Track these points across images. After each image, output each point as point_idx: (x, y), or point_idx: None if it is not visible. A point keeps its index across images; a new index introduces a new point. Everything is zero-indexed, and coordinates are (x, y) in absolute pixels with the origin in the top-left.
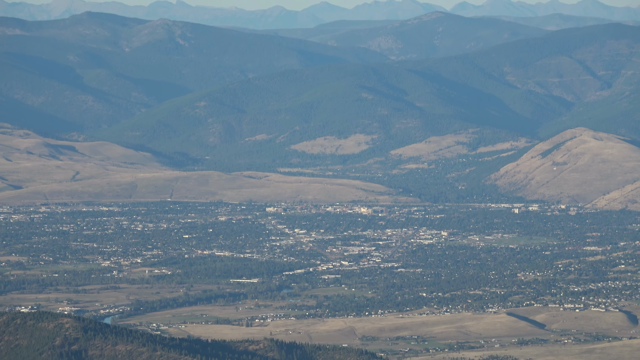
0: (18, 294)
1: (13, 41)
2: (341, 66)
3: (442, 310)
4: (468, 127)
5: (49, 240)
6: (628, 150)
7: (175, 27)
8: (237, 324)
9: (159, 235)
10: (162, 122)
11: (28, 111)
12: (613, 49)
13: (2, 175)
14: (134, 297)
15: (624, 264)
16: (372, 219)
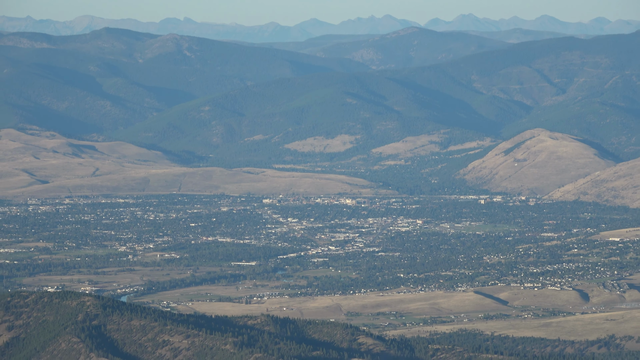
0: (45, 276)
1: (41, 53)
2: (328, 75)
3: (417, 289)
4: (440, 128)
5: (72, 228)
6: (580, 149)
7: (183, 41)
8: (238, 302)
9: (168, 224)
10: (171, 125)
11: (54, 115)
12: (567, 60)
13: (31, 172)
14: (147, 278)
15: (576, 249)
16: (355, 209)
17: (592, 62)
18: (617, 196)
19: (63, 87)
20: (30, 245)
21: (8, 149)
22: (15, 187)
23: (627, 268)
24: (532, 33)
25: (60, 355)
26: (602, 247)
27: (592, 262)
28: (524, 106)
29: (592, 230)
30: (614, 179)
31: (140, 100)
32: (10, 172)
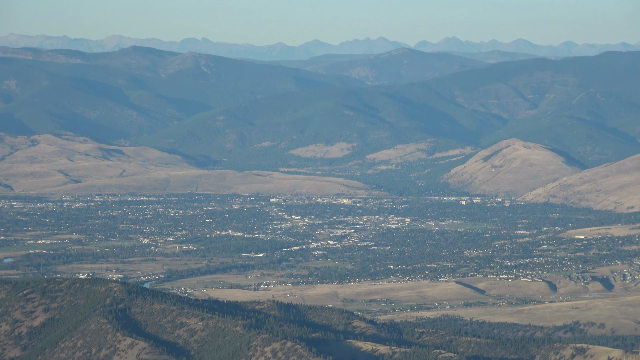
0: (77, 264)
1: (75, 68)
2: (328, 90)
3: (405, 279)
4: (426, 137)
5: (101, 222)
6: (550, 157)
7: (200, 58)
8: (247, 289)
9: (186, 219)
10: (190, 132)
11: (86, 123)
12: (539, 78)
13: (66, 172)
14: (167, 267)
15: (546, 245)
16: (351, 208)
17: (561, 81)
18: (582, 199)
19: (95, 98)
20: (65, 237)
21: (46, 152)
22: (52, 186)
23: (590, 262)
24: (508, 54)
25: (90, 334)
26: (568, 244)
27: (560, 257)
28: (501, 119)
29: (559, 228)
30: (579, 183)
31: (163, 110)
32: (48, 172)
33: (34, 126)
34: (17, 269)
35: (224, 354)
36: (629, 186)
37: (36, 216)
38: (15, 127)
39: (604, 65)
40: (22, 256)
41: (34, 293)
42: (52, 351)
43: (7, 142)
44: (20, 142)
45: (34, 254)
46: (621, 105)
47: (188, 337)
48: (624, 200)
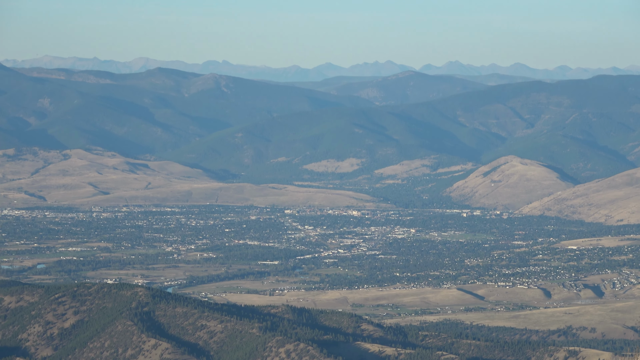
0: (105, 270)
1: (105, 88)
2: (340, 109)
3: (410, 286)
4: (430, 154)
5: (128, 231)
6: (545, 173)
7: (221, 79)
8: (263, 294)
9: (207, 229)
10: (210, 148)
11: (115, 138)
12: (535, 99)
13: (95, 184)
14: (188, 274)
15: (541, 254)
16: (360, 219)
17: (556, 102)
18: (575, 212)
19: (122, 116)
20: (94, 245)
21: (77, 166)
22: (82, 197)
23: (582, 271)
24: (507, 77)
25: (116, 335)
26: (562, 254)
27: (554, 266)
28: (500, 137)
29: (554, 240)
30: (572, 198)
31: (186, 127)
32: (78, 184)
33: (66, 141)
34: (49, 274)
35: (241, 354)
36: (618, 200)
37: (67, 225)
38: (49, 143)
39: (596, 88)
40: (54, 262)
41: (65, 297)
42: (82, 351)
43: (40, 156)
44: (53, 157)
45: (65, 261)
46: (612, 125)
47: (208, 339)
48: (614, 213)
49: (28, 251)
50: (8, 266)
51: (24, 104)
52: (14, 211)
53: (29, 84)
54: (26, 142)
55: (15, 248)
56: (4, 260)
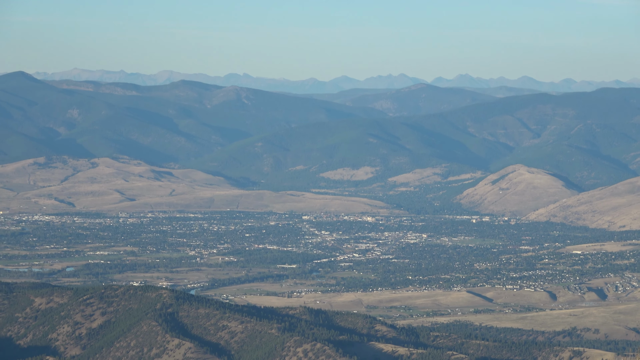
0: (131, 273)
1: (131, 99)
2: (355, 120)
3: (422, 289)
4: (442, 163)
5: (153, 236)
6: (551, 181)
7: (242, 91)
8: (281, 296)
9: (228, 234)
10: (231, 156)
11: (140, 147)
12: (541, 111)
13: (122, 191)
14: (211, 276)
15: (547, 259)
16: (374, 225)
17: (561, 113)
18: (580, 218)
19: (148, 126)
20: (120, 249)
21: (104, 174)
22: (109, 204)
23: (586, 275)
24: (514, 90)
25: (142, 335)
26: (567, 258)
27: (559, 270)
28: (508, 147)
29: (559, 245)
30: (577, 205)
31: (208, 137)
32: (106, 191)
33: (94, 150)
34: (78, 277)
35: (260, 353)
36: (621, 207)
37: (95, 230)
38: (78, 151)
39: (599, 100)
40: (82, 266)
41: (93, 298)
42: (109, 350)
43: (70, 164)
44: (81, 165)
45: (93, 264)
46: (614, 135)
47: (229, 339)
48: (617, 220)
49: (58, 255)
50: (39, 269)
51: (54, 114)
52: (44, 217)
53: (59, 95)
54: (56, 151)
55: (46, 252)
56: (35, 263)
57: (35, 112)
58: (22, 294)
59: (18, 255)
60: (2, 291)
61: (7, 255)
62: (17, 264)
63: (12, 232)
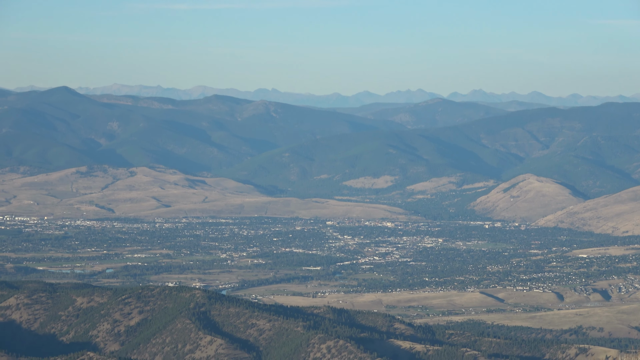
0: (167, 274)
1: (167, 113)
2: (376, 132)
3: (438, 290)
4: (456, 172)
5: (187, 240)
6: (559, 189)
7: (270, 105)
8: (306, 296)
9: (257, 238)
10: (260, 166)
11: (176, 157)
12: (550, 124)
13: (158, 198)
14: (240, 278)
15: (555, 262)
16: (394, 230)
17: (569, 126)
18: (585, 224)
19: (182, 138)
20: (157, 252)
21: (142, 182)
22: (147, 210)
23: (591, 277)
24: (525, 104)
25: (176, 332)
26: (573, 262)
27: (566, 272)
28: (518, 157)
29: (566, 249)
30: (583, 211)
31: (239, 148)
32: (143, 198)
33: (132, 160)
34: (117, 278)
35: (287, 350)
36: (624, 214)
37: (133, 234)
38: (117, 161)
39: (604, 114)
40: (121, 267)
41: (131, 298)
42: (145, 346)
43: (110, 173)
44: (120, 173)
45: (131, 266)
46: (618, 147)
47: (257, 336)
48: (620, 225)
49: (98, 257)
50: (80, 270)
51: (95, 126)
52: (86, 222)
53: (99, 109)
54: (97, 161)
55: (87, 254)
56: (77, 265)
57: (78, 125)
58: (65, 293)
59: (61, 257)
60: (47, 291)
61: (51, 257)
62: (61, 266)
63: (56, 236)
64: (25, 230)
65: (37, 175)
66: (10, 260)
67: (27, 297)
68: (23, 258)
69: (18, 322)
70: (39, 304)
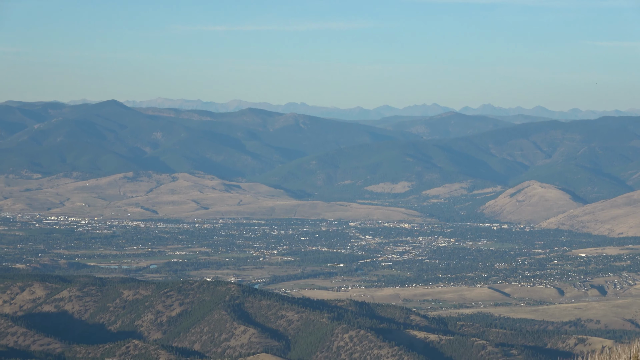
0: (205, 270)
1: (206, 124)
2: (394, 142)
3: (450, 285)
4: (468, 178)
5: (223, 239)
6: (560, 194)
7: (299, 117)
8: (331, 290)
9: (287, 238)
10: (290, 172)
11: (213, 164)
12: (552, 135)
13: (197, 201)
14: (271, 273)
15: (556, 260)
16: (410, 230)
17: (569, 138)
18: (584, 227)
19: (219, 146)
20: (196, 250)
21: (183, 186)
22: (187, 212)
23: (589, 274)
24: (530, 117)
25: (213, 322)
26: (573, 260)
27: (566, 270)
28: (523, 165)
29: (566, 248)
30: (582, 215)
31: (270, 156)
32: (184, 201)
33: (174, 166)
34: (159, 273)
35: (313, 339)
36: (619, 217)
37: (175, 234)
38: (160, 167)
39: (602, 127)
40: (164, 263)
41: (172, 291)
42: (185, 335)
43: (154, 178)
44: (163, 179)
45: (173, 262)
46: (614, 156)
47: (287, 326)
48: (616, 227)
49: (143, 254)
50: (127, 266)
51: (141, 136)
52: (132, 222)
53: (145, 120)
54: (142, 167)
55: (133, 252)
56: (124, 261)
57: (125, 134)
58: (113, 287)
59: (110, 254)
60: (96, 284)
61: (101, 254)
62: (109, 262)
63: (104, 235)
64: (77, 230)
65: (88, 180)
66: (63, 257)
67: (78, 290)
68: (75, 255)
69: (70, 312)
70: (89, 296)
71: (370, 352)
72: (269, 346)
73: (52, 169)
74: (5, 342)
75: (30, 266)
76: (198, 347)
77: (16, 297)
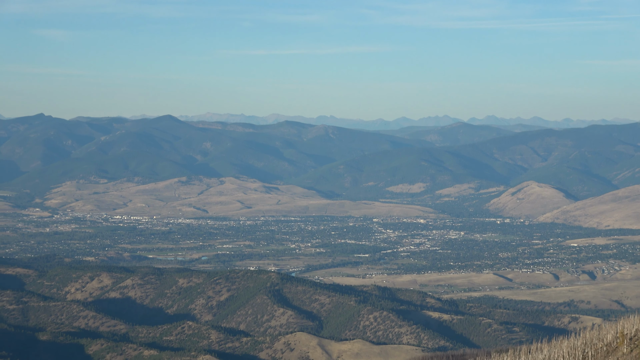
0: (249, 260)
1: (249, 135)
2: (411, 149)
3: (460, 272)
4: (475, 180)
5: (264, 234)
6: (555, 193)
7: (329, 128)
8: (358, 277)
9: (319, 232)
10: (321, 176)
11: (255, 170)
12: (548, 142)
13: (241, 201)
14: (306, 263)
15: (552, 250)
16: (425, 225)
17: (563, 144)
18: (576, 220)
19: (260, 154)
20: (241, 243)
21: (229, 189)
22: (233, 211)
23: (581, 261)
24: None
25: (256, 306)
26: (566, 249)
27: (561, 258)
28: (523, 168)
29: (561, 239)
30: (574, 210)
31: (304, 162)
32: (230, 202)
33: (222, 172)
34: (210, 264)
35: (342, 319)
36: (606, 212)
37: (222, 230)
38: (210, 173)
39: (590, 134)
40: (213, 255)
41: (221, 279)
42: (232, 316)
43: (204, 182)
44: (212, 182)
45: (221, 254)
46: (601, 159)
47: (320, 308)
48: (603, 221)
49: (195, 248)
50: (182, 258)
51: (192, 146)
52: (185, 220)
53: (196, 132)
54: (194, 172)
55: (187, 245)
56: (179, 254)
57: (179, 144)
58: (170, 276)
59: (167, 248)
60: (155, 274)
61: (159, 248)
62: (166, 255)
63: (162, 232)
64: (139, 227)
65: (148, 184)
66: (127, 250)
67: (140, 279)
68: (137, 248)
69: (133, 298)
70: (150, 284)
71: (392, 330)
72: (305, 326)
73: (116, 175)
74: (77, 324)
75: (98, 259)
76: (243, 327)
77: (87, 286)
